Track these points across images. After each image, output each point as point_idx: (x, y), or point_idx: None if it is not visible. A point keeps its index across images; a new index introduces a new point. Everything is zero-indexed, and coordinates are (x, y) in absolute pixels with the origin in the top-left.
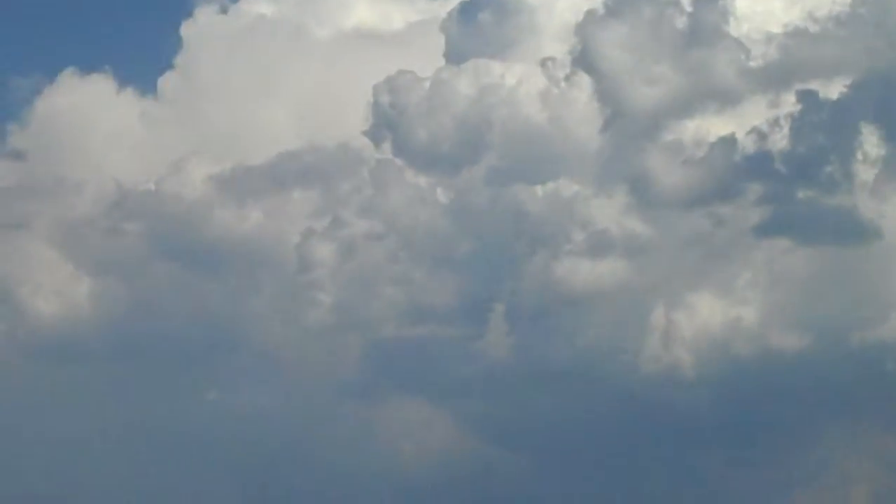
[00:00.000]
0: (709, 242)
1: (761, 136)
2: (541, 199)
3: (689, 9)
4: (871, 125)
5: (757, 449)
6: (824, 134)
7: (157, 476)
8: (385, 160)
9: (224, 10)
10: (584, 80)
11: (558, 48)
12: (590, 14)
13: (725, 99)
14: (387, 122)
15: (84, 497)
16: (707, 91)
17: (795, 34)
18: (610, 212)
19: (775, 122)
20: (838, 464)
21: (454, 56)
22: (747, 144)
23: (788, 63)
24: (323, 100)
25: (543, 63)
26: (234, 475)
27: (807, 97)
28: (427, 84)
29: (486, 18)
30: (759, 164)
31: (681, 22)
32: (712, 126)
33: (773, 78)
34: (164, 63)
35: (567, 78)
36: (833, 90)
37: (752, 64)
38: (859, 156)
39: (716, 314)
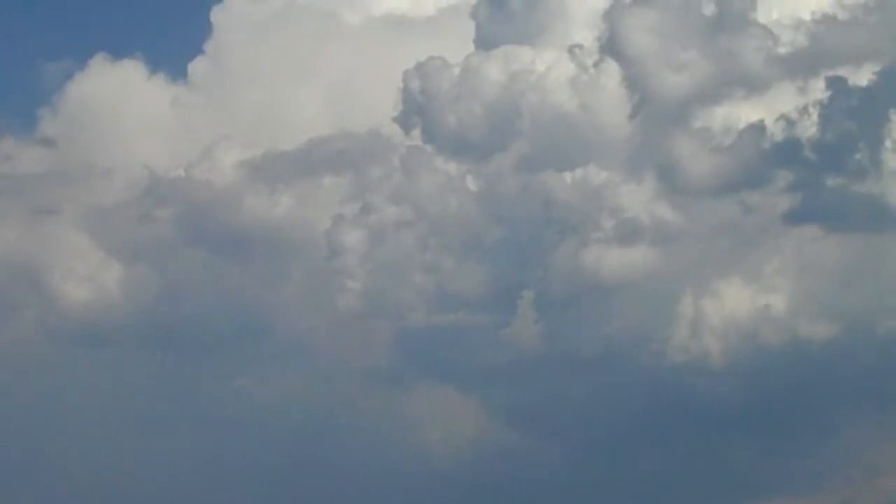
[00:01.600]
0: (737, 230)
1: (790, 123)
2: (570, 187)
3: None
4: None
5: (785, 438)
6: (853, 121)
7: (186, 461)
8: (415, 147)
9: None
10: (613, 67)
11: (587, 35)
12: (618, 1)
13: (754, 86)
14: (417, 109)
15: (112, 481)
16: (735, 78)
17: (824, 21)
18: (639, 199)
19: (804, 110)
20: (866, 453)
21: (484, 42)
22: (776, 131)
23: (817, 50)
24: (353, 86)
25: (572, 50)
26: (262, 461)
27: (836, 84)
28: (457, 70)
29: (516, 4)
30: (787, 152)
31: (708, 8)
32: (741, 113)
33: (801, 65)
34: (194, 49)
35: (595, 65)
36: (862, 77)
37: (781, 50)
38: (888, 143)
39: (744, 302)
